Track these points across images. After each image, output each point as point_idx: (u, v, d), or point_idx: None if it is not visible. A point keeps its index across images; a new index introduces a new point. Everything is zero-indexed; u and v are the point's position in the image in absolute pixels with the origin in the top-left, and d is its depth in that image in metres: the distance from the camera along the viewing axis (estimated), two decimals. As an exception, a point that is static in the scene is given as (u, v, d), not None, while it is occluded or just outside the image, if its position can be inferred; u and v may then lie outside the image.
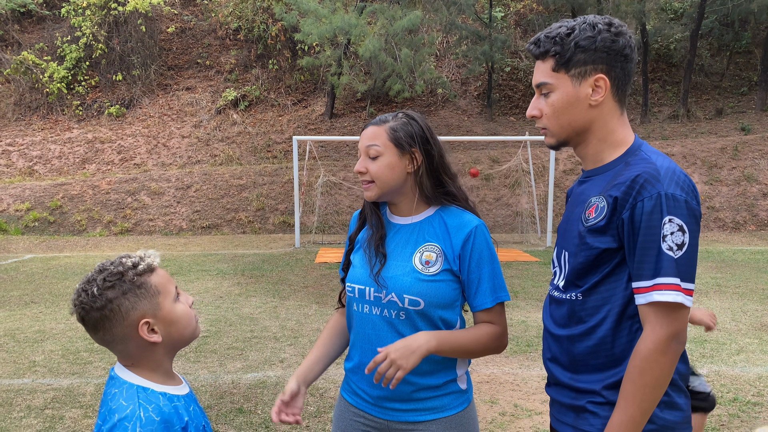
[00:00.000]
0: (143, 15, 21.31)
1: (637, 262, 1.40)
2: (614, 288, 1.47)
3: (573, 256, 1.53)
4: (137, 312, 1.34)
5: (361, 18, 16.69)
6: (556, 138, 1.57)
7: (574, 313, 1.54)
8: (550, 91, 1.52)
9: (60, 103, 20.84)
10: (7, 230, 15.08)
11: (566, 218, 1.63)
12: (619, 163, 1.51)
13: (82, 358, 5.47)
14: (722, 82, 21.76)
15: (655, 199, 1.37)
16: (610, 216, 1.44)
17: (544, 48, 1.51)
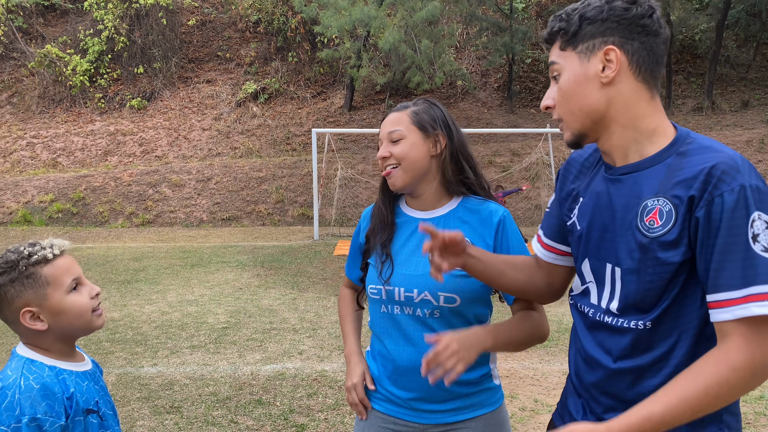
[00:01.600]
0: (164, 8, 21.44)
1: (716, 269, 1.14)
2: (687, 307, 1.23)
3: (634, 274, 1.26)
4: (21, 300, 1.42)
5: (381, 10, 16.62)
6: (572, 130, 1.33)
7: (639, 343, 1.27)
8: (558, 73, 1.32)
9: (83, 95, 21.08)
10: (32, 221, 15.32)
11: (599, 224, 1.34)
12: (668, 155, 1.25)
13: (103, 348, 5.54)
14: (748, 73, 21.34)
15: (737, 192, 1.14)
16: (684, 221, 1.19)
17: (550, 28, 1.33)
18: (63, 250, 1.50)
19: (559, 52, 1.32)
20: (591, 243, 1.36)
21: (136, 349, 5.49)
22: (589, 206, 1.38)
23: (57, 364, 1.45)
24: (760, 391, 4.32)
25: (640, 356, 1.27)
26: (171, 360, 5.19)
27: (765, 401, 4.15)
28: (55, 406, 1.37)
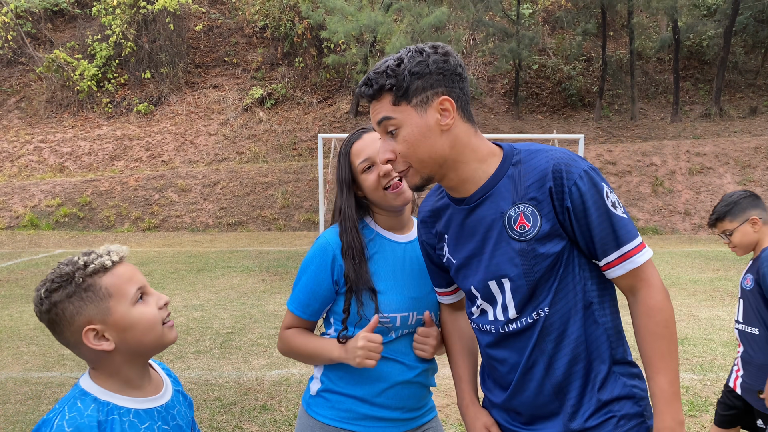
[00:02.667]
0: (172, 13, 21.55)
1: (606, 237, 1.38)
2: (569, 283, 1.43)
3: (522, 278, 1.42)
4: (82, 317, 1.22)
5: (388, 15, 16.64)
6: (420, 175, 1.43)
7: (543, 330, 1.44)
8: (397, 127, 1.40)
9: (90, 100, 21.18)
10: (39, 225, 15.37)
11: (469, 252, 1.50)
12: (505, 170, 1.45)
13: (108, 353, 5.53)
14: (757, 79, 21.25)
15: (584, 177, 1.37)
16: (551, 214, 1.39)
17: (377, 85, 1.40)
18: (122, 257, 1.30)
19: (392, 107, 1.40)
20: (469, 270, 1.51)
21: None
22: (455, 240, 1.53)
23: (114, 399, 1.26)
24: None
25: (546, 341, 1.44)
26: (176, 365, 5.17)
27: None
28: None
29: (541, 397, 1.46)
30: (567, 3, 22.39)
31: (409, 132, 1.39)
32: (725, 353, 5.37)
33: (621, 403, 1.44)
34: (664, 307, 1.39)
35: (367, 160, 1.71)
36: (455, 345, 1.74)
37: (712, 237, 14.11)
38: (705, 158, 16.25)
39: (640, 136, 18.71)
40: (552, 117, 20.29)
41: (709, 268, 9.88)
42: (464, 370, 1.71)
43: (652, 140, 17.95)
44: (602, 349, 1.44)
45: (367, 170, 1.72)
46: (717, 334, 5.98)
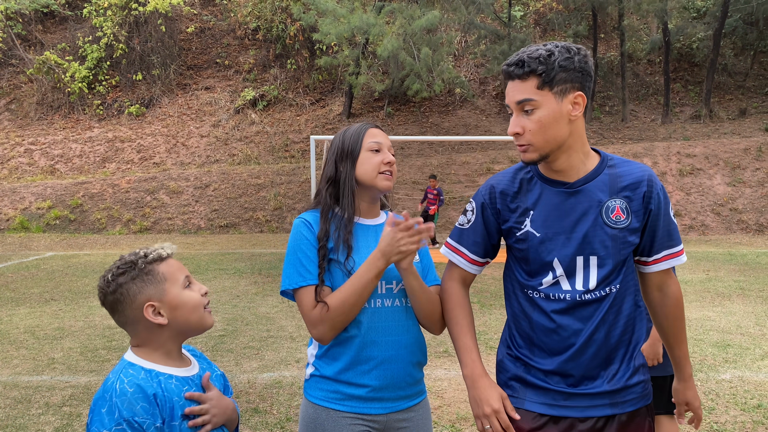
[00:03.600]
0: (163, 15, 21.50)
1: (664, 238, 1.73)
2: (631, 268, 1.76)
3: (609, 258, 1.71)
4: (143, 295, 1.48)
5: (380, 17, 16.66)
6: (540, 152, 1.68)
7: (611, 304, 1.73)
8: (534, 108, 1.64)
9: (81, 102, 21.09)
10: (29, 228, 15.29)
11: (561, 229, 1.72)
12: (602, 169, 1.73)
13: (100, 356, 5.51)
14: (746, 81, 21.41)
15: (663, 190, 1.73)
16: (640, 213, 1.70)
17: (529, 68, 1.62)
18: (173, 252, 1.59)
19: (535, 90, 1.63)
20: (555, 244, 1.73)
21: (133, 357, 5.47)
22: (544, 216, 1.74)
23: (156, 367, 1.50)
24: (758, 400, 4.30)
25: (610, 313, 1.72)
26: (167, 368, 5.16)
27: (763, 410, 4.13)
28: (149, 408, 1.41)
29: (596, 359, 1.72)
30: (558, 5, 22.49)
31: (544, 114, 1.64)
32: (715, 353, 5.41)
33: (643, 370, 1.78)
34: (680, 298, 1.82)
35: (378, 143, 1.91)
36: (465, 317, 1.84)
37: (703, 238, 14.21)
38: (695, 159, 16.36)
39: (631, 138, 18.80)
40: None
41: (700, 269, 9.94)
42: (473, 341, 1.82)
43: (643, 142, 18.04)
44: (641, 326, 1.78)
45: (374, 152, 1.90)
46: (707, 335, 6.02)
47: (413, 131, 19.74)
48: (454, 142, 18.48)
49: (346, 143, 1.94)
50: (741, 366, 5.09)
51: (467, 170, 16.88)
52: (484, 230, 1.82)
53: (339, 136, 1.98)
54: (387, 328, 1.84)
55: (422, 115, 20.80)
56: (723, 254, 11.67)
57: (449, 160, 17.46)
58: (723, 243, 13.37)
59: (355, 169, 1.90)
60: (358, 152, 1.91)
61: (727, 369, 5.01)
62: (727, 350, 5.53)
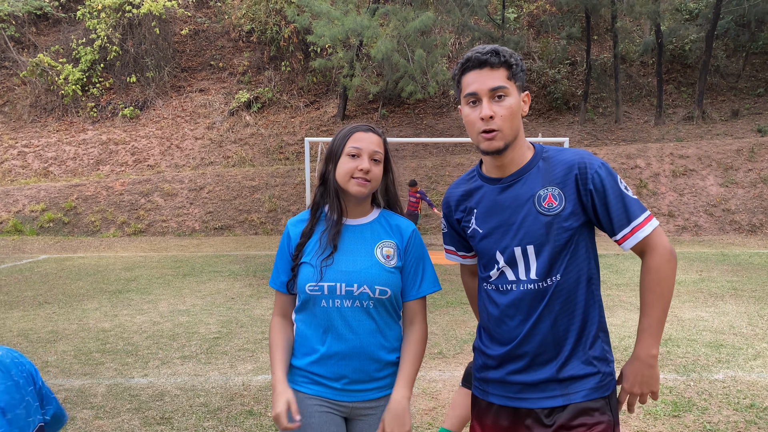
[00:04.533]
0: (157, 17, 21.46)
1: (620, 213, 1.75)
2: (580, 255, 1.79)
3: (545, 245, 1.76)
4: None
5: (374, 19, 16.68)
6: (505, 140, 1.76)
7: (555, 293, 1.77)
8: (505, 95, 1.75)
9: (75, 104, 21.03)
10: (23, 231, 15.23)
11: (498, 223, 1.82)
12: (535, 162, 1.82)
13: (93, 359, 5.49)
14: (738, 83, 21.52)
15: (602, 168, 1.76)
16: (574, 197, 1.75)
17: (503, 58, 1.75)
18: None
19: (506, 80, 1.76)
20: (495, 237, 1.83)
21: (127, 360, 5.46)
22: (484, 213, 1.86)
23: None
24: (750, 399, 4.33)
25: (555, 303, 1.77)
26: (162, 370, 5.15)
27: (756, 410, 4.16)
28: None
29: (542, 346, 1.77)
30: (551, 7, 22.56)
31: (512, 103, 1.75)
32: (708, 353, 5.44)
33: (601, 362, 1.79)
34: (661, 268, 1.75)
35: (359, 148, 1.94)
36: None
37: (696, 239, 14.27)
38: (688, 161, 16.43)
39: (625, 139, 18.87)
40: (537, 120, 20.42)
41: (693, 270, 9.99)
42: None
43: (636, 143, 18.11)
44: (594, 316, 1.81)
45: (353, 156, 1.94)
46: (700, 335, 6.06)
47: (408, 133, 19.76)
48: (449, 144, 18.51)
49: (334, 144, 2.01)
50: (734, 366, 5.12)
51: (461, 171, 16.92)
52: (455, 234, 2.02)
53: (335, 136, 2.05)
54: (350, 325, 1.92)
55: (417, 117, 20.83)
56: (716, 255, 11.72)
57: (444, 161, 17.49)
58: (716, 243, 13.44)
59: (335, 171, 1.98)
60: (340, 155, 1.97)
61: (720, 369, 5.04)
62: (719, 350, 5.56)
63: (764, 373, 4.91)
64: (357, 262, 1.95)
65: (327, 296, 1.92)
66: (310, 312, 1.97)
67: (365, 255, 1.97)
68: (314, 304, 1.94)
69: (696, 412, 4.12)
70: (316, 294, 1.93)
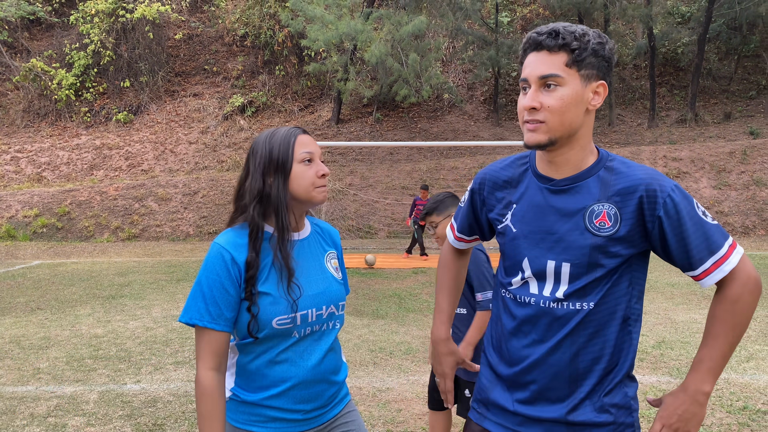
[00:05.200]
0: (151, 22, 21.44)
1: (701, 245, 1.47)
2: (621, 291, 1.53)
3: (583, 267, 1.51)
4: None
5: (367, 24, 16.71)
6: (550, 135, 1.50)
7: (582, 323, 1.53)
8: (558, 85, 1.48)
9: (68, 109, 20.97)
10: (16, 236, 15.16)
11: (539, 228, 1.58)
12: (597, 170, 1.55)
13: (86, 365, 5.46)
14: (730, 85, 21.63)
15: (676, 191, 1.47)
16: (633, 220, 1.49)
17: (563, 41, 1.47)
18: None
19: (564, 67, 1.48)
20: (528, 243, 1.59)
21: (120, 366, 5.43)
22: (524, 213, 1.61)
23: None
24: (743, 402, 4.34)
25: (581, 334, 1.53)
26: (155, 376, 5.13)
27: (748, 412, 4.16)
28: None
29: (556, 380, 1.55)
30: (545, 11, 22.64)
31: (568, 94, 1.47)
32: (701, 356, 5.45)
33: (620, 410, 1.55)
34: (741, 299, 1.49)
35: (309, 153, 1.73)
36: (449, 279, 1.91)
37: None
38: (681, 163, 16.50)
39: (618, 142, 18.94)
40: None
41: (686, 272, 10.02)
42: (448, 304, 1.88)
43: (630, 146, 18.18)
44: (624, 360, 1.56)
45: (307, 163, 1.73)
46: (694, 337, 6.07)
47: (402, 136, 19.77)
48: (443, 148, 18.53)
49: (274, 153, 1.72)
50: (726, 368, 5.13)
51: (456, 175, 16.93)
52: (471, 213, 1.79)
53: (264, 143, 1.75)
54: (314, 353, 1.75)
55: (411, 121, 20.85)
56: (709, 257, 11.75)
57: (438, 165, 17.51)
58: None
59: (288, 184, 1.71)
60: (290, 165, 1.71)
61: (713, 371, 5.04)
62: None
63: (757, 375, 4.92)
64: (318, 282, 1.77)
65: (300, 326, 1.70)
66: (269, 345, 1.70)
67: (320, 271, 1.79)
68: (281, 338, 1.70)
69: (689, 415, 4.12)
70: (287, 327, 1.68)
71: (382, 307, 7.66)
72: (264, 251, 1.70)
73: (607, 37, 1.57)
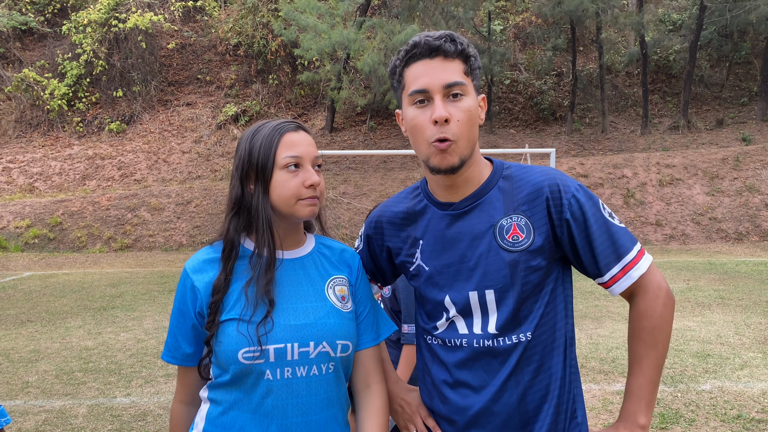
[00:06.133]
0: (143, 32, 21.41)
1: (606, 249, 1.33)
2: (559, 310, 1.38)
3: (508, 290, 1.33)
4: None
5: (360, 32, 16.74)
6: (460, 155, 1.32)
7: (523, 357, 1.34)
8: (462, 94, 1.30)
9: (61, 119, 20.90)
10: (7, 247, 15.05)
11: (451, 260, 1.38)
12: (494, 182, 1.39)
13: (75, 379, 5.40)
14: (722, 92, 21.75)
15: (580, 191, 1.35)
16: (545, 227, 1.34)
17: (461, 47, 1.30)
18: None
19: (463, 75, 1.32)
20: (445, 278, 1.40)
21: (110, 379, 5.37)
22: (432, 246, 1.42)
23: None
24: (737, 410, 4.32)
25: (524, 371, 1.35)
26: (145, 390, 5.07)
27: (743, 420, 4.14)
28: None
29: (506, 429, 1.36)
30: (537, 19, 22.74)
31: (470, 105, 1.32)
32: (695, 364, 5.43)
33: None
34: (655, 313, 1.34)
35: (296, 157, 1.40)
36: None
37: (684, 247, 14.33)
38: (674, 170, 16.54)
39: (611, 149, 18.99)
40: (524, 131, 20.51)
41: (680, 279, 10.01)
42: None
43: (623, 153, 18.23)
44: (574, 390, 1.41)
45: (291, 169, 1.39)
46: (687, 345, 6.05)
47: (396, 145, 19.78)
48: (437, 156, 18.54)
49: (254, 156, 1.41)
50: (721, 376, 5.11)
51: (450, 183, 16.95)
52: (371, 262, 1.58)
53: (245, 141, 1.44)
54: (301, 405, 1.37)
55: (404, 129, 20.87)
56: (703, 263, 11.77)
57: (432, 173, 17.51)
58: (703, 252, 13.50)
59: (269, 194, 1.40)
60: (271, 171, 1.39)
61: (707, 379, 5.03)
62: (707, 360, 5.55)
63: (751, 383, 4.90)
64: (308, 312, 1.40)
65: (273, 365, 1.34)
66: (243, 391, 1.36)
67: (316, 298, 1.42)
68: (253, 379, 1.35)
69: (683, 424, 4.10)
70: (257, 363, 1.33)
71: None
72: (239, 272, 1.40)
73: None
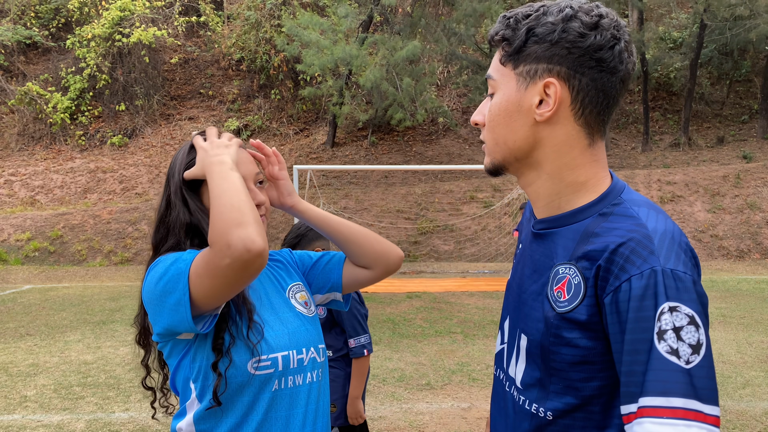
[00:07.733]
0: (147, 46, 21.56)
1: (627, 371, 0.89)
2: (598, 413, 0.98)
3: (538, 348, 1.03)
4: None
5: (362, 49, 16.84)
6: (492, 159, 1.09)
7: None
8: (494, 91, 1.07)
9: (63, 133, 20.98)
10: (7, 260, 15.04)
11: (519, 282, 1.14)
12: (588, 214, 1.02)
13: (74, 393, 5.37)
14: (723, 110, 21.83)
15: (647, 277, 0.90)
16: (593, 301, 0.96)
17: (494, 31, 1.06)
18: None
19: (498, 65, 1.06)
20: (510, 300, 1.17)
21: (108, 393, 5.34)
22: (518, 257, 1.19)
23: None
24: (739, 429, 4.28)
25: None
26: (143, 404, 5.04)
27: None
28: None
29: None
30: (538, 36, 22.89)
31: (498, 102, 1.05)
32: (697, 383, 5.39)
33: None
34: None
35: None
36: None
37: (685, 264, 14.30)
38: (676, 187, 16.56)
39: (612, 166, 19.02)
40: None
41: (682, 296, 9.98)
42: None
43: (624, 169, 18.25)
44: None
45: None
46: None
47: (397, 160, 19.83)
48: (438, 171, 18.58)
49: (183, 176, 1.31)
50: (722, 395, 5.08)
51: (451, 198, 16.94)
52: None
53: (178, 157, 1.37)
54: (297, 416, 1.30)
55: (406, 144, 20.92)
56: (704, 281, 11.74)
57: (433, 188, 17.53)
58: (704, 270, 13.47)
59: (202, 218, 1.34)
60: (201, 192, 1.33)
61: (710, 398, 4.99)
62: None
63: (753, 402, 4.86)
64: (287, 320, 1.35)
65: (279, 374, 1.27)
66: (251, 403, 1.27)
67: (285, 308, 1.37)
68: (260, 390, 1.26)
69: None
70: (266, 373, 1.26)
71: (376, 332, 7.59)
72: None
73: (589, 10, 1.00)
